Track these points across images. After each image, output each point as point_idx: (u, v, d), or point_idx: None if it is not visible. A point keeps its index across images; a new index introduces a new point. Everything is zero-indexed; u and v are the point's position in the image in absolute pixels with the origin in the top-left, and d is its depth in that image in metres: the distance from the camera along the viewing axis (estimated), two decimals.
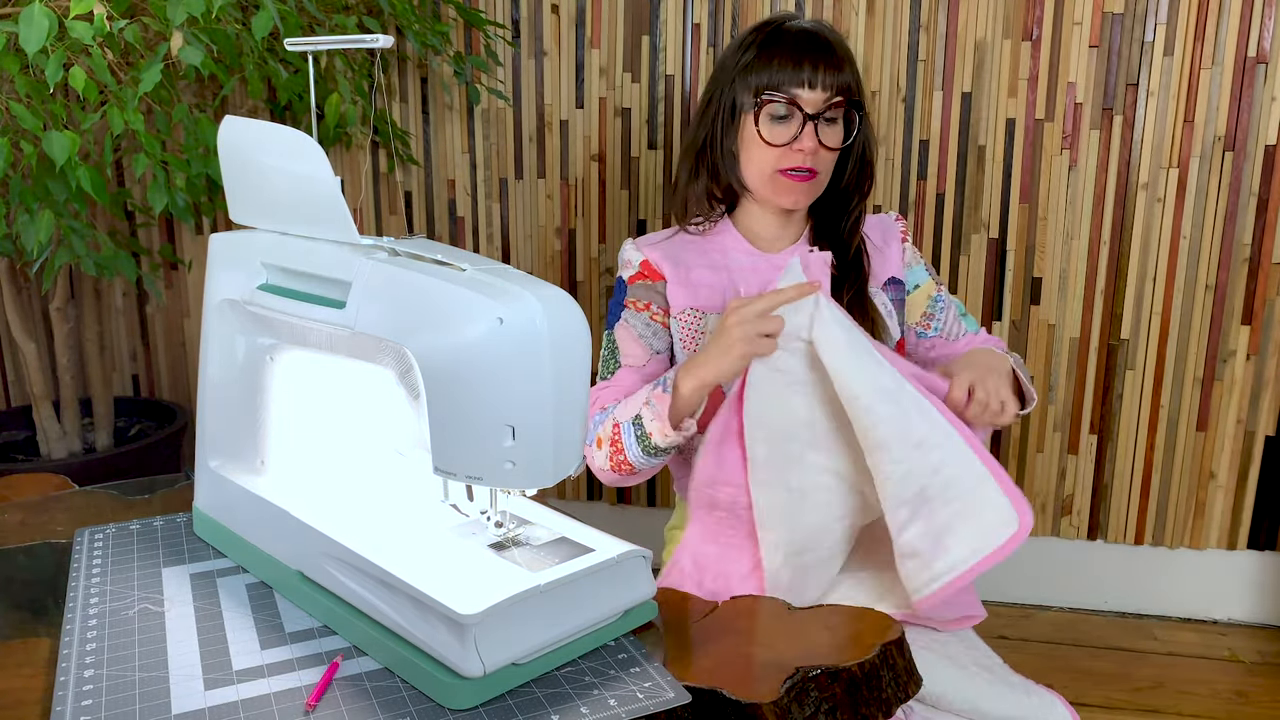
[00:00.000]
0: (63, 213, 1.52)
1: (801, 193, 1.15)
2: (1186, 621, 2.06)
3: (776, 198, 1.16)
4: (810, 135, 1.11)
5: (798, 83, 1.11)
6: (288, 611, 0.81)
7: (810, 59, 1.11)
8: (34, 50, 1.20)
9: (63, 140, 1.34)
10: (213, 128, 1.56)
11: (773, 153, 1.13)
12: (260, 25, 1.37)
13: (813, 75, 1.11)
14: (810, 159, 1.12)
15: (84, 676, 0.71)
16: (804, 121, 1.11)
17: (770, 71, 1.12)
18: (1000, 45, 1.89)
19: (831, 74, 1.11)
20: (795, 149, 1.12)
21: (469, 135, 2.10)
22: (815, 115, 1.11)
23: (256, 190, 0.84)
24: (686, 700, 0.68)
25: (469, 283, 0.68)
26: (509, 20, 2.03)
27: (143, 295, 2.32)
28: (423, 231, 2.18)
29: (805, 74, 1.11)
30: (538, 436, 0.68)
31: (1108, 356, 1.98)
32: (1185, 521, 2.03)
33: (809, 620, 0.82)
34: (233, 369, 0.89)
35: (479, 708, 0.67)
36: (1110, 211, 1.92)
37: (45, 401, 1.94)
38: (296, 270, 0.81)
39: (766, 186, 1.16)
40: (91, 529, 0.96)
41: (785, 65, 1.11)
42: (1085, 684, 1.84)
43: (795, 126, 1.12)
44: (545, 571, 0.72)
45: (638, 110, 2.03)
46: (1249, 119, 1.83)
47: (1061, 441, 2.04)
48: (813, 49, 1.11)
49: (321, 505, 0.83)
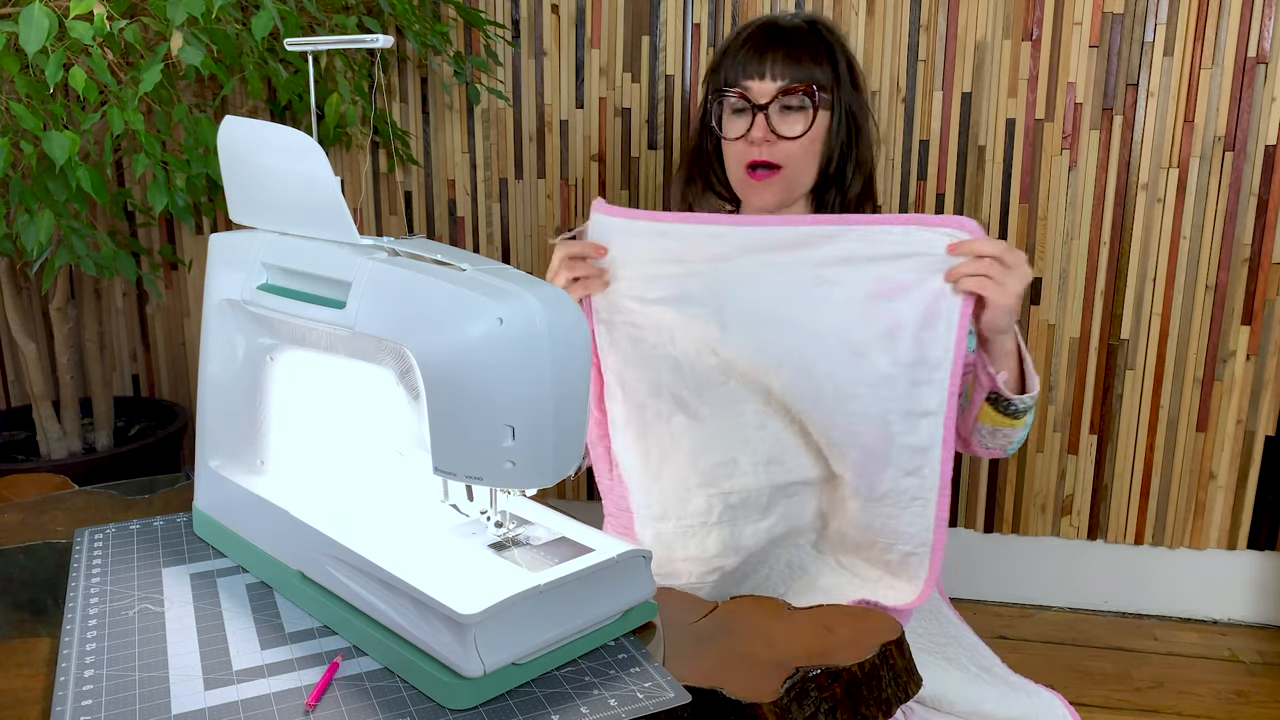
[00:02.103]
0: (63, 213, 1.52)
1: (768, 190, 1.13)
2: (1186, 621, 2.06)
3: (746, 199, 1.16)
4: (761, 126, 1.10)
5: (747, 75, 1.11)
6: (288, 611, 0.81)
7: (760, 51, 1.10)
8: (34, 50, 1.20)
9: (63, 140, 1.34)
10: (213, 128, 1.55)
11: (736, 149, 1.13)
12: (260, 25, 1.37)
13: (760, 66, 1.10)
14: (766, 151, 1.11)
15: (84, 676, 0.71)
16: (754, 113, 1.10)
17: (726, 68, 1.12)
18: (1000, 45, 1.89)
19: (787, 65, 1.10)
20: (748, 142, 1.11)
21: (469, 135, 2.10)
22: (764, 105, 1.10)
23: (256, 190, 0.84)
24: (686, 700, 0.68)
25: (469, 283, 0.68)
26: (509, 20, 2.03)
27: (143, 295, 2.32)
28: (423, 231, 2.18)
29: (754, 65, 1.10)
30: (538, 436, 0.68)
31: (1108, 357, 1.98)
32: (1185, 522, 2.03)
33: (809, 620, 0.82)
34: (233, 369, 0.89)
35: (479, 708, 0.67)
36: (1110, 212, 1.92)
37: (45, 401, 1.94)
38: (296, 270, 0.81)
39: (740, 188, 1.16)
40: (91, 529, 0.96)
41: (739, 59, 1.11)
42: (1085, 684, 1.84)
43: (749, 119, 1.11)
44: (545, 571, 0.72)
45: (638, 110, 2.03)
46: (1249, 119, 1.83)
47: (1061, 441, 2.04)
48: (767, 41, 1.11)
49: (321, 505, 0.83)
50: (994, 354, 1.03)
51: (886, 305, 0.95)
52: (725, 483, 1.03)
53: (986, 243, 0.93)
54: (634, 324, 1.03)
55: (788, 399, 1.00)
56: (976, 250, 0.93)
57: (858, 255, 0.95)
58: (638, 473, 1.06)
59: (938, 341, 0.95)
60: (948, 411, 0.96)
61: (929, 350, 0.95)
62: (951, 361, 0.95)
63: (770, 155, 1.11)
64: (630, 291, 1.02)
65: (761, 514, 1.04)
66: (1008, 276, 0.93)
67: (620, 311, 1.03)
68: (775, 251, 0.97)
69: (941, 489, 0.98)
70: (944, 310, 0.95)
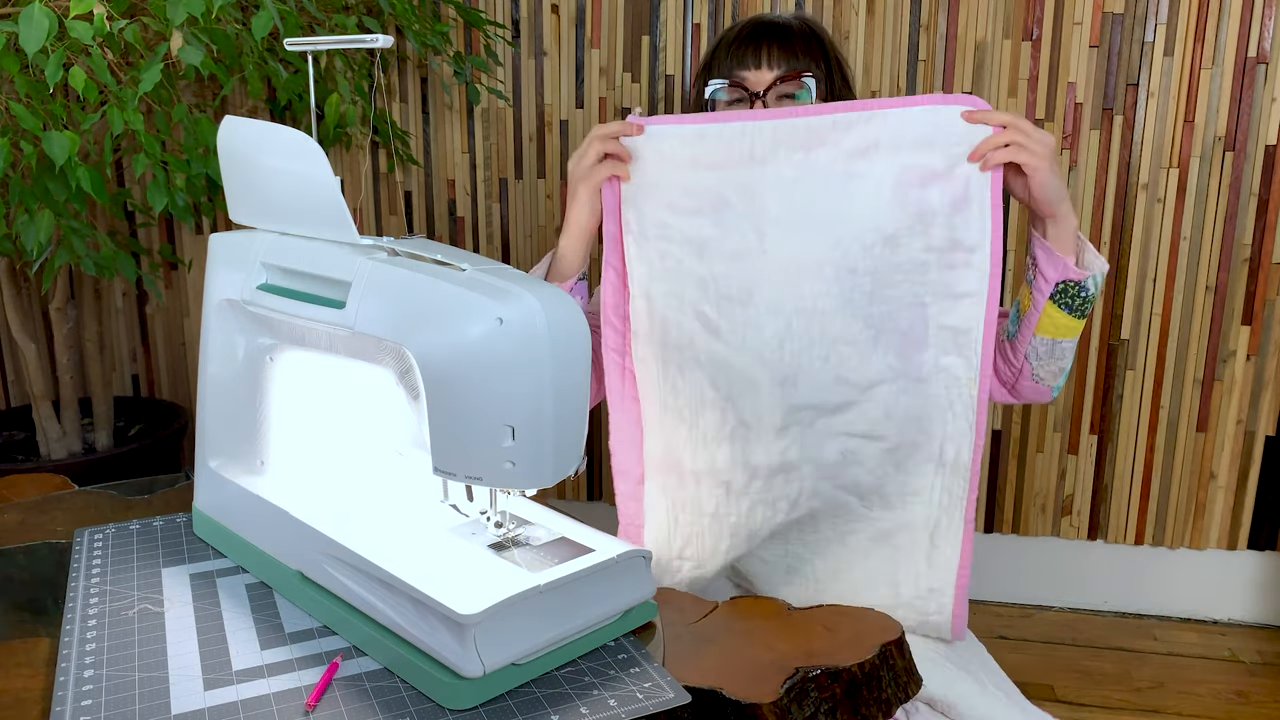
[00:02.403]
0: (63, 213, 1.52)
1: None
2: (1186, 621, 2.06)
3: None
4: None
5: (742, 65, 1.11)
6: (287, 611, 0.81)
7: (754, 43, 1.11)
8: (34, 50, 1.20)
9: (63, 140, 1.34)
10: (213, 128, 1.55)
11: None
12: (260, 25, 1.37)
13: (755, 57, 1.11)
14: None
15: (83, 676, 0.71)
16: (751, 101, 1.11)
17: (718, 63, 1.13)
18: (1000, 45, 1.89)
19: (781, 55, 1.11)
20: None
21: (469, 135, 2.10)
22: (762, 93, 1.10)
23: (256, 190, 0.84)
24: (686, 700, 0.68)
25: (469, 283, 0.68)
26: (509, 20, 2.03)
27: (143, 295, 2.32)
28: (423, 231, 2.18)
29: (749, 57, 1.11)
30: (537, 436, 0.68)
31: (1108, 357, 1.98)
32: (1185, 522, 2.03)
33: (809, 620, 0.82)
34: (233, 369, 0.89)
35: (479, 708, 0.67)
36: (1110, 212, 1.92)
37: (45, 401, 1.94)
38: (296, 270, 0.81)
39: None
40: (91, 529, 0.96)
41: (732, 53, 1.12)
42: (1085, 684, 1.84)
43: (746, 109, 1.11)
44: (545, 572, 0.72)
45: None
46: (1249, 119, 1.83)
47: (1061, 442, 2.03)
48: (759, 34, 1.12)
49: (321, 505, 0.83)
50: (1060, 231, 1.01)
51: (916, 192, 0.97)
52: (739, 399, 1.04)
53: (999, 112, 0.95)
54: (665, 237, 1.03)
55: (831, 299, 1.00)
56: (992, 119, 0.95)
57: (883, 142, 0.97)
58: (654, 382, 1.07)
59: (971, 224, 0.97)
60: (989, 294, 0.98)
61: (962, 233, 0.97)
62: (990, 242, 0.97)
63: None
64: (665, 200, 1.03)
65: (775, 435, 1.04)
66: (1031, 140, 0.94)
67: (653, 224, 1.04)
68: (806, 149, 0.98)
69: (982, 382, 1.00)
70: (974, 193, 0.96)
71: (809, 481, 1.05)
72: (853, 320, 1.00)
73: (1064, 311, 1.04)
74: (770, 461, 1.04)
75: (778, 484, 1.05)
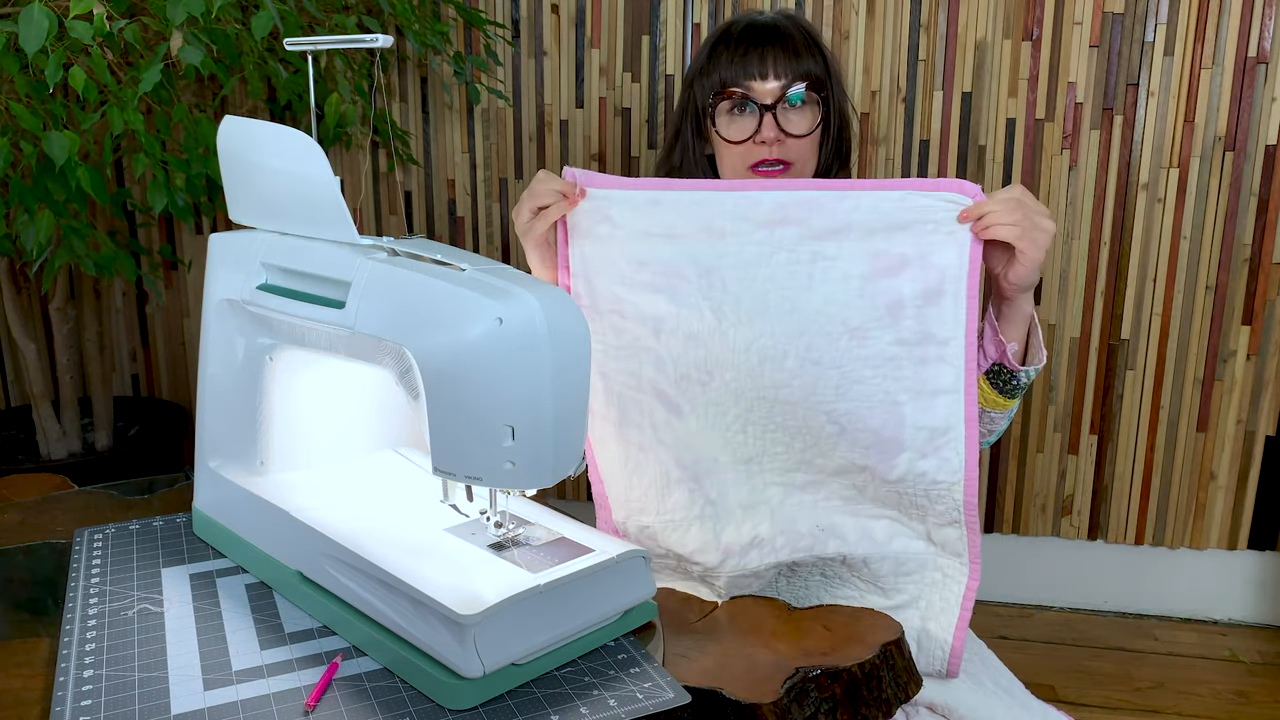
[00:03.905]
0: (63, 213, 1.52)
1: None
2: (1186, 621, 2.06)
3: None
4: (770, 126, 1.08)
5: (748, 75, 1.08)
6: (287, 612, 0.80)
7: (759, 50, 1.09)
8: (34, 50, 1.20)
9: (62, 140, 1.34)
10: (213, 128, 1.55)
11: (738, 150, 1.11)
12: (260, 25, 1.37)
13: (762, 66, 1.08)
14: (777, 150, 1.09)
15: (83, 676, 0.71)
16: (761, 113, 1.08)
17: (720, 69, 1.10)
18: (1000, 45, 1.89)
19: (786, 61, 1.08)
20: (758, 142, 1.09)
21: (469, 135, 2.10)
22: (772, 105, 1.08)
23: (256, 190, 0.84)
24: (686, 700, 0.68)
25: (468, 283, 0.68)
26: (509, 20, 2.03)
27: (143, 295, 2.32)
28: (422, 231, 2.18)
29: (754, 65, 1.08)
30: (537, 436, 0.68)
31: (1108, 357, 1.98)
32: (1185, 522, 2.03)
33: (809, 620, 0.82)
34: (233, 369, 0.89)
35: (479, 708, 0.67)
36: (1110, 212, 1.92)
37: (45, 401, 1.94)
38: (296, 270, 0.81)
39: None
40: (91, 529, 0.96)
41: (735, 60, 1.09)
42: (1085, 684, 1.84)
43: (754, 120, 1.09)
44: (545, 572, 0.72)
45: (638, 110, 2.03)
46: (1249, 119, 1.83)
47: (1061, 442, 2.03)
48: (762, 40, 1.09)
49: (321, 505, 0.83)
50: (1011, 317, 0.98)
51: (886, 281, 0.91)
52: (705, 479, 1.01)
53: (995, 199, 0.88)
54: (619, 312, 0.99)
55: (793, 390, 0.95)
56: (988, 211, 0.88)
57: (854, 225, 0.90)
58: (617, 464, 1.04)
59: (945, 317, 0.90)
60: (967, 389, 0.92)
61: (935, 326, 0.91)
62: (964, 335, 0.90)
63: (781, 154, 1.10)
64: (617, 273, 0.98)
65: (744, 513, 1.01)
66: (1037, 230, 0.89)
67: (605, 299, 0.99)
68: (771, 226, 0.93)
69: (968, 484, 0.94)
70: (948, 285, 0.90)
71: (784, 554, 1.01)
72: (816, 414, 0.95)
73: (994, 390, 1.04)
74: (741, 539, 1.00)
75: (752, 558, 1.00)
